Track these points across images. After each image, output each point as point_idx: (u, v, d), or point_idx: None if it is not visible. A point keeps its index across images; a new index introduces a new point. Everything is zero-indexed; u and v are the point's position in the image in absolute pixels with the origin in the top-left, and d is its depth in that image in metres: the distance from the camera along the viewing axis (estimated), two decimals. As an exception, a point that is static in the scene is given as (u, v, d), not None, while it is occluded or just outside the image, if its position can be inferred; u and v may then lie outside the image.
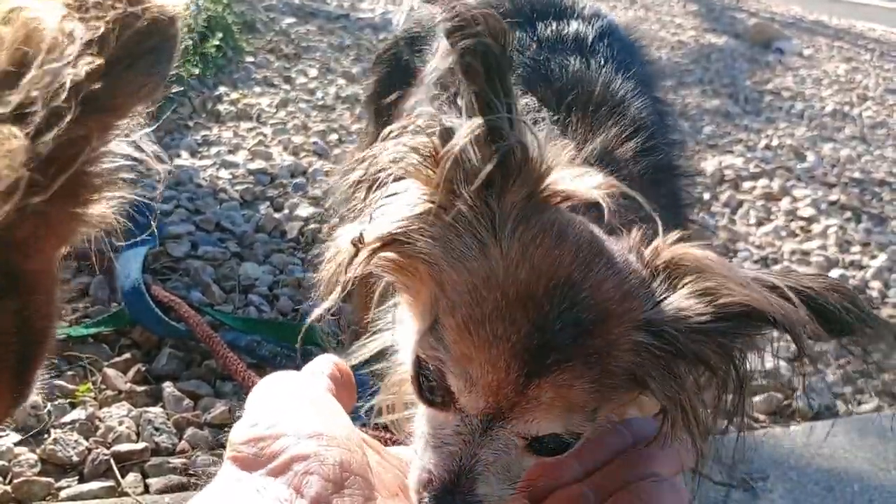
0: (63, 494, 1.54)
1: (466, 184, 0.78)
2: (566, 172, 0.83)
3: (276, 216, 2.65)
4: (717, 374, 0.77)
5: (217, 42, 3.86)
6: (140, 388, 1.83)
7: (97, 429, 1.70)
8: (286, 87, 3.88)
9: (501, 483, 0.78)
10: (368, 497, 0.61)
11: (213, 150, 3.05)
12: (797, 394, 2.23)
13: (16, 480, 1.54)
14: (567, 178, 0.82)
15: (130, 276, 2.00)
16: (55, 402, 1.73)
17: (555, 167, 0.82)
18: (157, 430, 1.72)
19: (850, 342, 0.77)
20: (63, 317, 1.95)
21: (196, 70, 3.59)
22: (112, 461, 1.62)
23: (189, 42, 3.62)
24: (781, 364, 2.19)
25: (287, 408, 0.66)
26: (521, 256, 0.77)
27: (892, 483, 1.96)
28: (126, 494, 1.57)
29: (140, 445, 1.67)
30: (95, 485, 1.57)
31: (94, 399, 1.79)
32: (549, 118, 1.02)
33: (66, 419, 1.70)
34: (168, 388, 1.83)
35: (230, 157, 3.01)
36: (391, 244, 0.82)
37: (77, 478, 1.59)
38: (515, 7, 1.50)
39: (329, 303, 0.86)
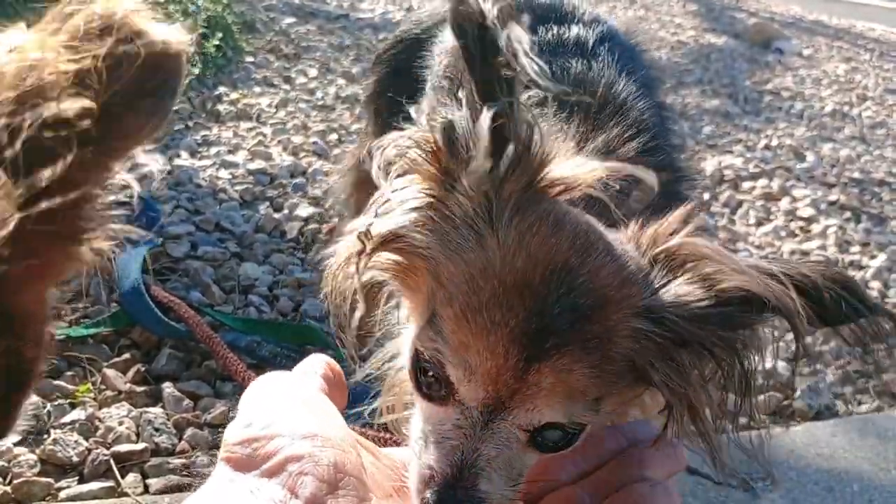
0: (63, 495, 1.54)
1: (466, 174, 0.78)
2: (565, 162, 0.83)
3: (276, 216, 2.65)
4: (721, 367, 0.77)
5: (217, 42, 3.86)
6: (140, 389, 1.83)
7: (97, 429, 1.70)
8: (286, 87, 3.88)
9: (504, 480, 0.77)
10: (363, 498, 0.61)
11: (213, 151, 3.05)
12: (797, 393, 2.23)
13: (15, 481, 1.54)
14: (566, 168, 0.82)
15: (130, 277, 2.00)
16: (55, 403, 1.72)
17: (554, 158, 0.82)
18: (157, 431, 1.72)
19: (849, 330, 0.76)
20: (63, 317, 1.95)
21: (196, 70, 3.59)
22: (112, 461, 1.62)
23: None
24: (780, 364, 2.20)
25: (281, 408, 0.66)
26: (518, 245, 0.77)
27: (892, 483, 1.96)
28: (126, 495, 1.56)
29: (140, 446, 1.67)
30: (95, 485, 1.57)
31: (94, 399, 1.79)
32: (552, 113, 1.02)
33: (66, 419, 1.69)
34: (168, 389, 1.82)
35: (230, 158, 3.01)
36: (393, 240, 0.83)
37: (77, 478, 1.59)
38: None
39: (359, 311, 0.87)
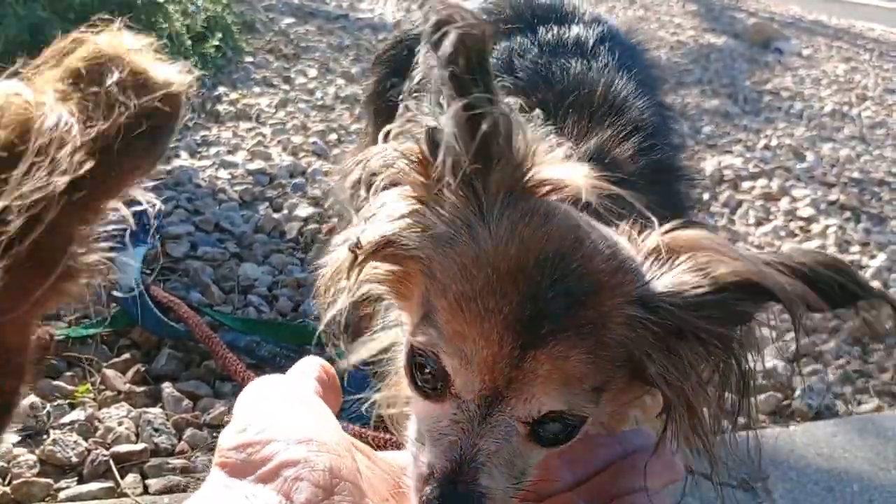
0: (62, 495, 1.54)
1: (452, 172, 0.79)
2: (552, 162, 0.83)
3: (276, 216, 2.65)
4: (719, 365, 0.77)
5: (216, 42, 3.86)
6: (139, 389, 1.83)
7: (96, 429, 1.70)
8: (285, 88, 3.88)
9: (505, 477, 0.77)
10: (359, 503, 0.61)
11: (213, 151, 3.05)
12: (797, 393, 2.23)
13: (15, 481, 1.53)
14: (554, 170, 0.83)
15: (129, 277, 2.00)
16: (54, 403, 1.72)
17: (540, 158, 0.82)
18: (157, 431, 1.71)
19: (848, 313, 0.76)
20: (63, 317, 1.95)
21: (195, 73, 3.58)
22: (111, 462, 1.62)
23: (188, 43, 3.62)
24: (780, 364, 2.20)
25: (276, 412, 0.65)
26: (510, 234, 0.77)
27: (892, 483, 1.96)
28: (125, 495, 1.56)
29: (139, 446, 1.66)
30: (95, 485, 1.57)
31: (94, 400, 1.79)
32: (541, 117, 1.03)
33: (66, 420, 1.69)
34: (167, 389, 1.82)
35: (229, 158, 3.01)
36: (384, 247, 0.83)
37: (76, 479, 1.59)
38: (516, 13, 1.52)
39: (336, 309, 0.87)
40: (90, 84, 0.58)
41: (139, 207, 0.70)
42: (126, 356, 1.91)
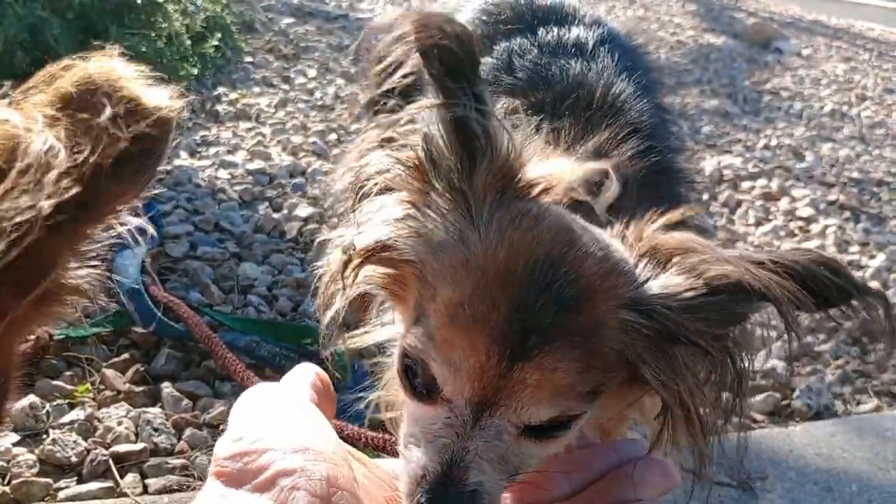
0: (62, 495, 1.54)
1: (438, 175, 0.79)
2: (543, 162, 0.84)
3: (275, 216, 2.65)
4: (714, 366, 0.77)
5: (216, 42, 3.86)
6: (139, 389, 1.83)
7: (96, 429, 1.70)
8: (285, 88, 3.88)
9: (497, 471, 0.77)
10: None
11: (212, 151, 3.05)
12: (796, 393, 2.23)
13: (14, 481, 1.54)
14: (544, 168, 0.83)
15: (129, 277, 2.00)
16: (54, 403, 1.72)
17: (530, 158, 0.82)
18: (156, 431, 1.72)
19: (839, 312, 0.76)
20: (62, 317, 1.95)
21: (195, 70, 3.59)
22: (111, 461, 1.62)
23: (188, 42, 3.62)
24: (779, 364, 2.20)
25: (272, 420, 0.65)
26: (499, 238, 0.77)
27: (891, 483, 1.96)
28: (125, 495, 1.56)
29: (139, 446, 1.67)
30: (94, 485, 1.57)
31: (93, 399, 1.79)
32: (538, 117, 1.03)
33: (65, 420, 1.69)
34: (167, 389, 1.82)
35: (229, 158, 3.01)
36: (379, 250, 0.83)
37: (76, 478, 1.59)
38: (517, 14, 1.52)
39: (334, 309, 0.88)
40: (80, 110, 0.57)
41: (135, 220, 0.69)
42: (125, 356, 1.91)
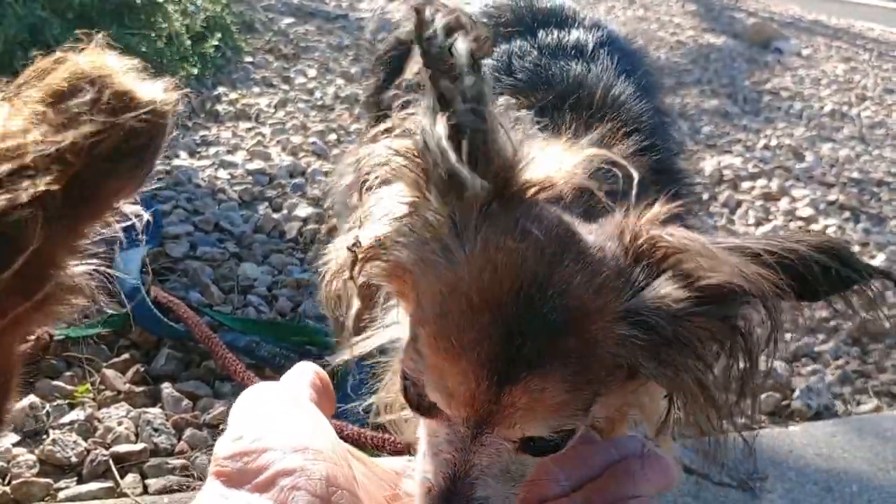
0: (62, 495, 1.54)
1: (429, 186, 0.78)
2: (539, 161, 0.82)
3: (275, 216, 2.65)
4: (711, 365, 0.77)
5: (216, 42, 3.86)
6: (139, 389, 1.83)
7: (96, 429, 1.70)
8: (285, 88, 3.88)
9: (502, 484, 0.78)
10: None
11: (212, 151, 3.05)
12: (796, 393, 2.23)
13: (14, 481, 1.54)
14: (540, 167, 0.81)
15: (129, 277, 2.00)
16: (54, 403, 1.72)
17: (528, 157, 0.81)
18: (156, 431, 1.72)
19: (842, 300, 0.75)
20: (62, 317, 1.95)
21: (195, 70, 3.59)
22: (111, 462, 1.62)
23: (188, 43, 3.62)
24: (779, 364, 2.20)
25: (271, 420, 0.65)
26: (484, 259, 0.75)
27: (891, 483, 1.96)
28: (125, 495, 1.56)
29: (139, 446, 1.67)
30: (94, 485, 1.57)
31: (93, 400, 1.79)
32: (531, 117, 1.03)
33: (65, 420, 1.69)
34: (167, 389, 1.82)
35: (229, 158, 3.01)
36: (379, 248, 0.83)
37: (76, 479, 1.59)
38: (517, 16, 1.52)
39: (341, 307, 0.87)
40: (72, 104, 0.57)
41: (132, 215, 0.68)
42: (125, 356, 1.91)
